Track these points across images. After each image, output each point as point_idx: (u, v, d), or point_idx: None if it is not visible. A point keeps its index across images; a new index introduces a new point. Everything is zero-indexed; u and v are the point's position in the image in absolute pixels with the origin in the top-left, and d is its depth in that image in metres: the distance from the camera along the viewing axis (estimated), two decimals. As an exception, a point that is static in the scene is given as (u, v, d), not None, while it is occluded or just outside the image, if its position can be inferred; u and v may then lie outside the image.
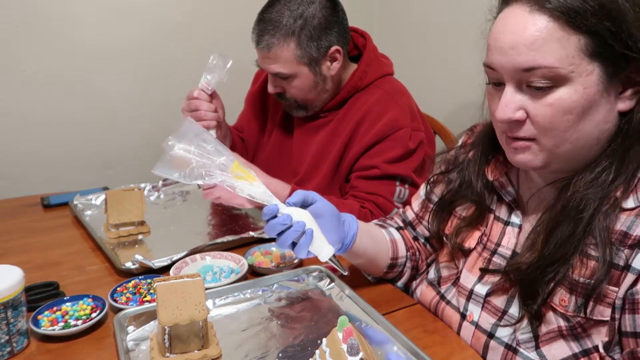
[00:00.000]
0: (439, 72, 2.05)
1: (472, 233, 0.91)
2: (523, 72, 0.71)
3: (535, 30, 0.69)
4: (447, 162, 1.02)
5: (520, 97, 0.73)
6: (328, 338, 0.72)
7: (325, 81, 1.37)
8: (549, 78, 0.70)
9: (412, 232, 1.10)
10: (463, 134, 1.04)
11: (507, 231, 0.87)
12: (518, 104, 0.73)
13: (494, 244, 0.88)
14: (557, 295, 0.75)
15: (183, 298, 0.78)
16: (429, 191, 1.05)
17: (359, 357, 0.66)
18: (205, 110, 1.37)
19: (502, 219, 0.89)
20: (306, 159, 1.44)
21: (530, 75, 0.70)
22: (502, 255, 0.86)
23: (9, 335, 0.82)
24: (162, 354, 0.78)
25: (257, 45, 1.33)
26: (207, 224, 1.40)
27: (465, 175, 0.94)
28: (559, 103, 0.70)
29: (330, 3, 1.33)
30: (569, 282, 0.73)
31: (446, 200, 0.97)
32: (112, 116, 1.97)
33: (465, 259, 0.92)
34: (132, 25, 1.93)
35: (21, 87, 1.80)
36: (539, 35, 0.69)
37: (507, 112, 0.73)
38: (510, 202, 0.87)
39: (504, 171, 0.89)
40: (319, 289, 1.01)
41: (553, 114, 0.71)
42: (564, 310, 0.74)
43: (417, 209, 1.09)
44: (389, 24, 2.29)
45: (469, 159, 0.94)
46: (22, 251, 1.20)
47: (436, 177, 1.03)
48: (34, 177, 1.88)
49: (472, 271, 0.90)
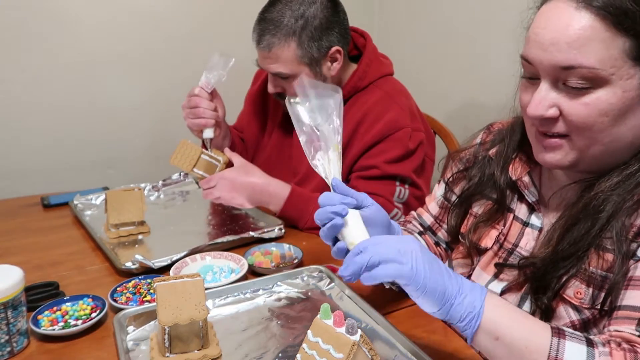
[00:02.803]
0: (439, 72, 2.05)
1: (488, 232, 0.89)
2: (561, 70, 0.69)
3: (579, 28, 0.67)
4: (465, 161, 0.99)
5: (555, 95, 0.71)
6: (313, 329, 0.70)
7: (325, 81, 1.37)
8: (588, 79, 0.68)
9: (432, 237, 1.06)
10: (480, 132, 1.01)
11: (526, 232, 0.85)
12: (552, 101, 0.71)
13: (512, 244, 0.86)
14: (571, 288, 0.74)
15: (183, 298, 0.78)
16: (447, 190, 1.01)
17: (359, 335, 0.66)
18: (205, 108, 1.37)
19: (521, 219, 0.87)
20: (306, 159, 1.43)
21: (569, 74, 0.68)
22: (519, 256, 0.84)
23: (9, 335, 0.82)
24: (162, 354, 0.78)
25: (257, 44, 1.33)
26: (207, 224, 1.40)
27: (487, 171, 0.91)
28: (596, 104, 0.68)
29: (332, 3, 1.33)
30: (585, 275, 0.72)
31: (465, 196, 0.94)
32: (112, 116, 1.97)
33: (479, 257, 0.90)
34: (133, 27, 1.93)
35: (21, 87, 1.80)
36: (583, 34, 0.67)
37: (539, 109, 0.71)
38: (532, 203, 0.85)
39: (526, 170, 0.86)
40: (319, 289, 1.01)
41: (588, 113, 0.69)
42: (579, 303, 0.73)
43: (435, 212, 1.04)
44: (389, 24, 2.29)
45: (489, 156, 0.92)
46: (22, 251, 1.20)
47: (455, 175, 1.00)
48: (34, 177, 1.88)
49: (486, 269, 0.88)
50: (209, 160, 1.39)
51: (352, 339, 0.66)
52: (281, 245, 1.18)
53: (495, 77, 1.78)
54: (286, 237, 1.26)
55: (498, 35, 1.76)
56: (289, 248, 1.17)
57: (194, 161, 1.38)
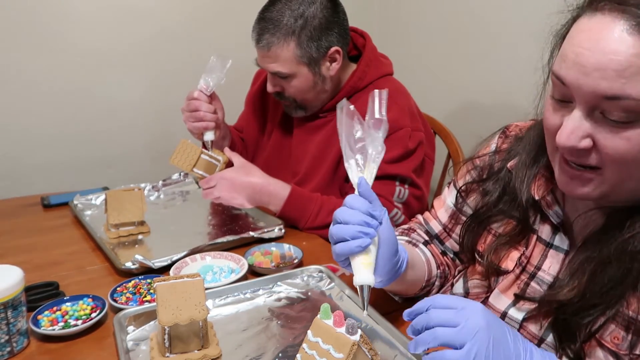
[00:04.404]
0: (439, 72, 2.05)
1: (510, 252, 0.82)
2: (603, 99, 0.60)
3: (633, 55, 0.58)
4: (479, 169, 0.90)
5: (591, 124, 0.63)
6: (313, 329, 0.70)
7: (324, 81, 1.37)
8: (632, 111, 0.59)
9: (439, 246, 1.00)
10: (495, 136, 0.92)
11: (550, 254, 0.78)
12: (587, 131, 0.63)
13: (534, 266, 0.80)
14: (608, 332, 0.67)
15: (183, 298, 0.78)
16: (461, 201, 0.93)
17: (359, 334, 0.66)
18: (205, 111, 1.38)
19: (544, 240, 0.79)
20: (306, 159, 1.44)
21: (612, 104, 0.60)
22: (542, 280, 0.78)
23: (9, 335, 0.82)
24: (162, 354, 0.78)
25: (257, 43, 1.33)
26: (207, 224, 1.40)
27: (506, 188, 0.83)
28: (638, 139, 0.60)
29: (331, 3, 1.33)
30: (624, 320, 0.66)
31: (482, 214, 0.86)
32: (112, 116, 1.97)
33: (498, 279, 0.84)
34: (133, 27, 1.93)
35: (21, 87, 1.80)
36: (635, 62, 0.58)
37: (572, 140, 0.63)
38: (557, 224, 0.78)
39: (549, 188, 0.79)
40: (319, 289, 1.01)
41: (628, 149, 0.61)
42: (616, 348, 0.67)
43: (445, 220, 0.98)
44: (389, 24, 2.29)
45: (508, 169, 0.84)
46: (22, 251, 1.20)
47: (468, 185, 0.92)
48: (34, 177, 1.88)
49: (506, 293, 0.82)
50: (209, 160, 1.39)
51: (352, 339, 0.66)
52: (281, 245, 1.18)
53: (496, 76, 1.78)
54: (286, 237, 1.26)
55: (498, 34, 1.76)
56: (289, 248, 1.17)
57: (194, 161, 1.38)
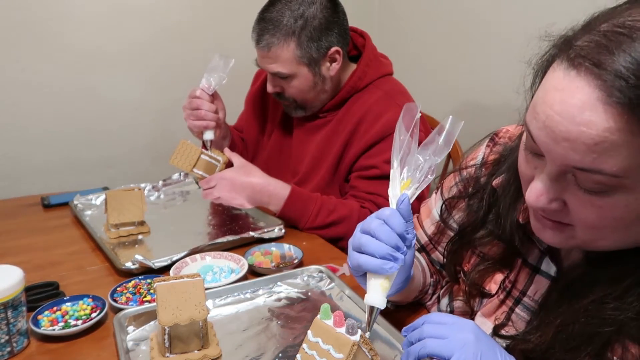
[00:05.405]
0: (439, 72, 2.05)
1: (494, 275, 0.79)
2: (574, 169, 0.55)
3: (606, 130, 0.51)
4: (464, 182, 0.86)
5: (561, 188, 0.58)
6: (313, 329, 0.70)
7: (324, 81, 1.37)
8: (605, 184, 0.54)
9: (426, 256, 0.97)
10: (484, 143, 0.87)
11: (536, 280, 0.74)
12: (557, 195, 0.59)
13: (519, 291, 0.76)
14: None
15: (183, 298, 0.78)
16: (447, 215, 0.89)
17: (359, 335, 0.67)
18: (206, 110, 1.38)
19: (530, 264, 0.75)
20: (306, 159, 1.44)
21: (583, 175, 0.55)
22: (527, 307, 0.74)
23: (9, 335, 0.82)
24: (162, 354, 0.78)
25: (257, 44, 1.33)
26: (207, 224, 1.40)
27: (491, 207, 0.79)
28: (611, 209, 0.56)
29: (331, 4, 1.33)
30: None
31: (467, 234, 0.82)
32: (113, 116, 1.97)
33: (482, 300, 0.80)
34: (132, 26, 1.93)
35: (21, 87, 1.80)
36: (609, 137, 0.51)
37: (541, 201, 0.59)
38: (543, 250, 0.74)
39: None
40: (319, 289, 1.01)
41: (600, 217, 0.57)
42: None
43: (430, 231, 0.94)
44: (389, 24, 2.29)
45: (492, 187, 0.78)
46: (22, 251, 1.20)
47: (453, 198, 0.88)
48: (34, 177, 1.88)
49: (490, 318, 0.78)
50: (209, 161, 1.39)
51: (352, 339, 0.66)
52: (281, 245, 1.18)
53: (496, 76, 1.78)
54: (286, 237, 1.26)
55: (498, 34, 1.76)
56: (289, 248, 1.17)
57: (194, 161, 1.39)
